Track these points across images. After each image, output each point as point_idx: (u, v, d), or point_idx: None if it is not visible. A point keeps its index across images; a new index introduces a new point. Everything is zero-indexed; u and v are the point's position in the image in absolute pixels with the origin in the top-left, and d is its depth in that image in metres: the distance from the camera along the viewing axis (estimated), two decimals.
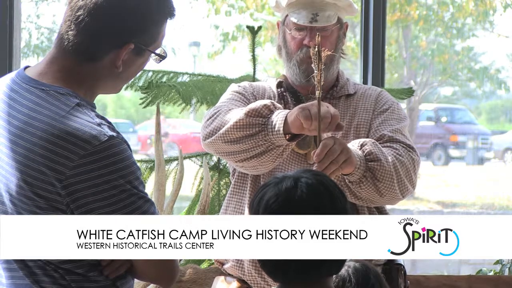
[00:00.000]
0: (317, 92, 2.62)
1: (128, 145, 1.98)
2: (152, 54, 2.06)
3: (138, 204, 1.95)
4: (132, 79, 4.04)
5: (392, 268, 2.89)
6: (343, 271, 2.34)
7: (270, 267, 1.89)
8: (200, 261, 4.06)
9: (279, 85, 2.97)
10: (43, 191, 1.91)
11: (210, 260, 4.06)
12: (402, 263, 2.91)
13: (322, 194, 1.85)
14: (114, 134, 1.94)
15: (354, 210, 2.83)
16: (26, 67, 2.05)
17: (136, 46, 2.01)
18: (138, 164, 4.12)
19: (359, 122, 2.91)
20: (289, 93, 2.95)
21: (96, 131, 1.92)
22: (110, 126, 1.96)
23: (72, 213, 1.92)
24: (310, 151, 2.80)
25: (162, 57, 2.07)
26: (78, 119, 1.93)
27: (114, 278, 2.00)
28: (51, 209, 1.92)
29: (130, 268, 2.01)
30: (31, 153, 1.92)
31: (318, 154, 2.59)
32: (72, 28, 1.98)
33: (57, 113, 1.93)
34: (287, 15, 2.90)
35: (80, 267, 1.96)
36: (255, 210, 1.89)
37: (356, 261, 2.38)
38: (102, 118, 1.98)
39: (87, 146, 1.90)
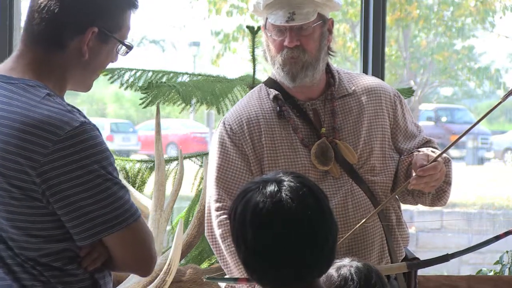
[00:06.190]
0: None
1: (100, 132, 1.99)
2: (120, 46, 2.08)
3: (114, 189, 1.95)
4: (130, 80, 4.06)
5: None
6: (345, 270, 2.33)
7: (260, 273, 1.86)
8: (200, 261, 4.07)
9: (275, 99, 2.86)
10: (18, 181, 1.92)
11: (210, 260, 4.06)
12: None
13: (306, 196, 1.84)
14: (86, 120, 1.97)
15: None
16: None
17: (100, 31, 2.03)
18: (138, 164, 4.15)
19: (383, 126, 2.88)
20: (288, 105, 2.85)
21: (67, 118, 1.94)
22: (81, 113, 1.99)
23: (48, 201, 1.93)
24: (333, 167, 2.79)
25: (129, 48, 2.09)
26: (50, 107, 1.95)
27: (92, 271, 2.01)
28: (27, 199, 1.92)
29: (107, 261, 2.01)
30: (6, 145, 1.93)
31: (426, 169, 2.68)
32: (36, 16, 2.01)
33: (28, 103, 1.95)
34: (267, 18, 2.85)
35: (58, 260, 1.97)
36: (239, 216, 1.85)
37: (358, 260, 2.37)
38: (73, 107, 2.00)
39: (59, 132, 1.92)
